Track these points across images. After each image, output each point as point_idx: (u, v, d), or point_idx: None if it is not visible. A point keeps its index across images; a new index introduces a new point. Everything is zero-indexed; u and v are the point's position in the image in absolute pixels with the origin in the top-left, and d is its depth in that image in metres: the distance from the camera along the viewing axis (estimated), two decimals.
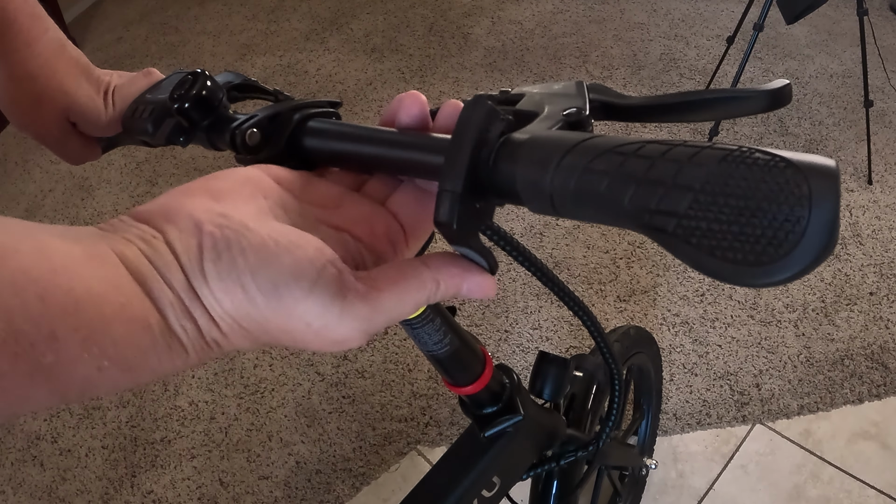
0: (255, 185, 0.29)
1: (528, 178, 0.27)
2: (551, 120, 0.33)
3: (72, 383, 0.21)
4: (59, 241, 0.22)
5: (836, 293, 1.62)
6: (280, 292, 0.25)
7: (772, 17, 2.23)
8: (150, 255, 0.24)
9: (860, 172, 1.87)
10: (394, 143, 0.32)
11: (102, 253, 0.23)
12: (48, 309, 0.20)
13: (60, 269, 0.21)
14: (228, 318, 0.25)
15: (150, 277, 0.24)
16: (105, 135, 0.49)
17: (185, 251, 0.24)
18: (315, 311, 0.25)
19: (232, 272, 0.24)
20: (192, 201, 0.26)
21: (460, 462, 0.64)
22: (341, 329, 0.26)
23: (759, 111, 0.34)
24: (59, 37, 0.47)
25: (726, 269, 0.22)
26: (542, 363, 0.70)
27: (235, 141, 0.36)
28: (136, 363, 0.23)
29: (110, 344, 0.22)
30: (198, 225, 0.25)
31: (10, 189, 2.28)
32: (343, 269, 0.26)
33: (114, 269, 0.23)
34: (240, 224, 0.25)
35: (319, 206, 0.31)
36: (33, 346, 0.20)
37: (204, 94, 0.38)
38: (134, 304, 0.23)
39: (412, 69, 2.44)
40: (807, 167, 0.21)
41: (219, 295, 0.24)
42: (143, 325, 0.23)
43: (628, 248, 1.76)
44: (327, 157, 0.36)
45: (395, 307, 0.27)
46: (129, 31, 2.94)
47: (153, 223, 0.25)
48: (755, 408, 1.44)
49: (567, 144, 0.26)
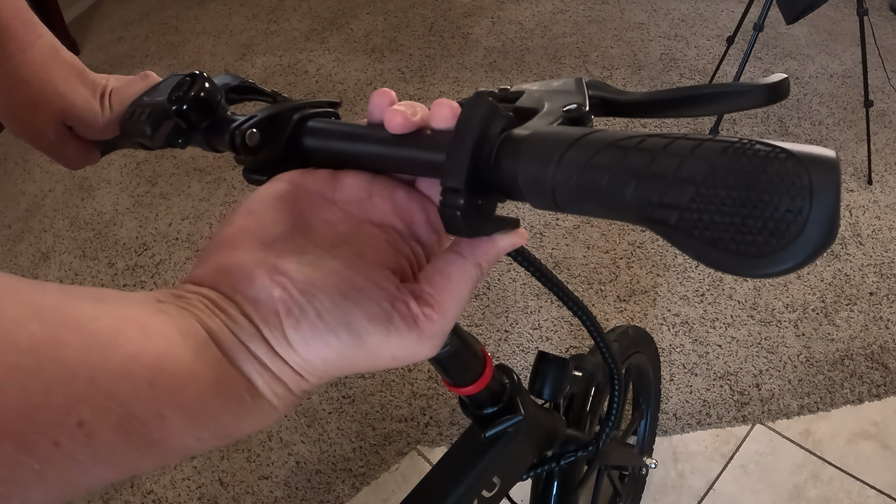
0: (289, 205, 0.30)
1: (530, 174, 0.27)
2: (552, 116, 0.33)
3: (174, 453, 0.23)
4: (156, 320, 0.24)
5: (836, 293, 1.62)
6: (363, 340, 0.27)
7: (772, 17, 2.23)
8: (233, 328, 0.26)
9: (860, 172, 1.87)
10: (394, 141, 0.32)
11: (194, 331, 0.25)
12: (156, 392, 0.22)
13: (164, 352, 0.23)
14: (317, 370, 0.27)
15: (238, 352, 0.25)
16: (102, 138, 0.49)
17: (265, 322, 0.26)
18: (397, 346, 0.27)
19: (315, 335, 0.26)
20: (244, 256, 0.28)
21: (460, 462, 0.64)
22: (422, 350, 0.28)
23: (757, 105, 0.35)
24: (53, 42, 0.47)
25: (729, 260, 0.22)
26: (541, 363, 0.70)
27: (235, 141, 0.36)
28: (231, 430, 0.25)
29: (209, 417, 0.24)
30: (266, 289, 0.26)
31: (10, 189, 2.28)
32: (408, 298, 0.28)
33: (207, 348, 0.25)
34: (306, 284, 0.27)
35: (354, 201, 0.32)
36: (144, 426, 0.22)
37: (202, 96, 0.38)
38: (228, 379, 0.25)
39: (412, 69, 2.44)
40: (807, 158, 0.21)
41: (306, 356, 0.26)
42: (238, 398, 0.25)
43: (628, 248, 1.76)
44: (327, 157, 0.36)
45: (455, 308, 0.29)
46: (129, 31, 2.94)
47: (220, 289, 0.27)
48: (755, 408, 1.44)
49: (569, 139, 0.26)
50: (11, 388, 0.19)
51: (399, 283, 0.29)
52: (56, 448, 0.20)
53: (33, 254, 2.03)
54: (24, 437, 0.19)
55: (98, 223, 2.09)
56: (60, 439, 0.20)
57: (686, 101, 0.36)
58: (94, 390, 0.21)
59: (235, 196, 2.08)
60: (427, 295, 0.29)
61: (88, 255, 2.00)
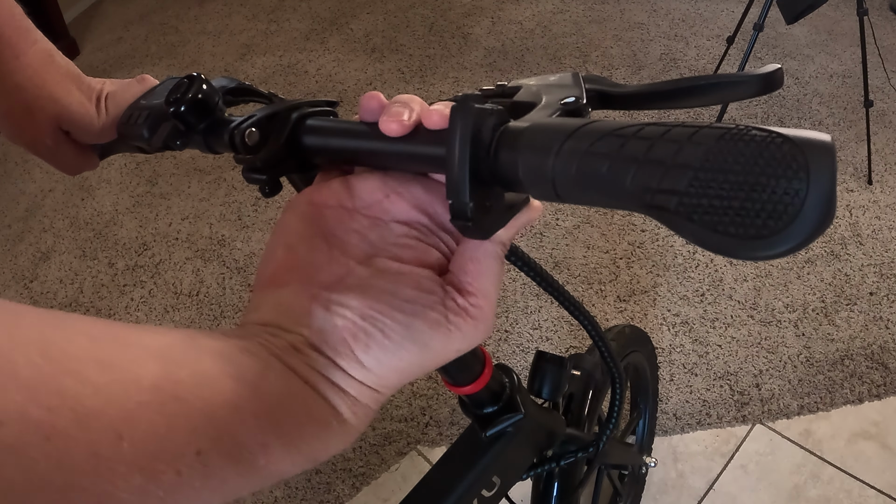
0: (318, 227, 0.31)
1: (530, 165, 0.27)
2: (550, 109, 0.33)
3: (272, 477, 0.26)
4: (247, 359, 0.26)
5: (836, 293, 1.62)
6: (429, 345, 0.29)
7: (772, 17, 2.23)
8: (309, 362, 0.27)
9: (860, 172, 1.87)
10: (393, 138, 0.32)
11: (278, 367, 0.27)
12: (260, 423, 0.25)
13: (259, 388, 0.25)
14: (391, 382, 0.29)
15: (321, 383, 0.27)
16: (99, 142, 0.49)
17: (336, 352, 0.28)
18: (459, 339, 0.29)
19: (386, 353, 0.28)
20: (296, 293, 0.29)
21: (460, 462, 0.64)
22: (481, 334, 0.30)
23: (751, 95, 0.35)
24: (48, 47, 0.47)
25: (728, 243, 0.22)
26: (540, 362, 0.70)
27: (234, 141, 0.36)
28: (320, 454, 0.27)
29: (303, 443, 0.26)
30: (328, 321, 0.28)
31: (10, 189, 2.28)
32: (454, 295, 0.30)
33: (297, 384, 0.27)
34: (363, 308, 0.28)
35: (374, 204, 0.32)
36: (251, 454, 0.24)
37: (200, 97, 0.38)
38: (317, 409, 0.27)
39: (412, 69, 2.44)
40: (803, 142, 0.21)
41: (380, 373, 0.28)
42: (326, 424, 0.27)
43: (628, 248, 1.76)
44: (327, 155, 0.36)
45: (495, 287, 0.31)
46: (129, 31, 2.94)
47: (284, 327, 0.28)
48: (755, 408, 1.44)
49: (567, 129, 0.26)
50: (140, 424, 0.21)
51: (442, 281, 0.30)
52: (178, 476, 0.22)
53: (33, 254, 2.03)
54: (150, 468, 0.21)
55: (98, 223, 2.09)
56: (181, 468, 0.22)
57: (682, 93, 0.36)
58: (208, 423, 0.23)
59: (235, 196, 2.08)
60: (466, 284, 0.30)
61: (88, 255, 2.00)
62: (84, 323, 0.22)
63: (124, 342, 0.23)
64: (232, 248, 1.93)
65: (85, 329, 0.22)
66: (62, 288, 1.92)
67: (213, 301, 1.81)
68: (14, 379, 0.19)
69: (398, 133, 0.31)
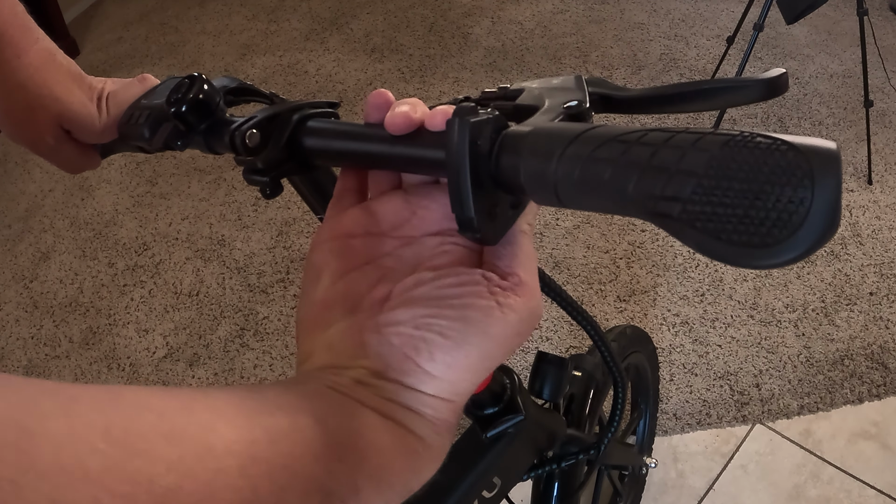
0: (351, 260, 0.31)
1: (532, 170, 0.27)
2: (552, 113, 0.33)
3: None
4: (319, 404, 0.25)
5: (836, 293, 1.62)
6: (490, 333, 0.27)
7: (772, 17, 2.23)
8: (382, 394, 0.27)
9: (860, 172, 1.87)
10: (394, 140, 0.32)
11: (355, 409, 0.26)
12: (347, 467, 0.24)
13: (344, 436, 0.25)
14: (465, 386, 0.28)
15: (396, 412, 0.27)
16: (100, 141, 0.49)
17: (401, 372, 0.27)
18: (515, 321, 0.28)
19: (450, 352, 0.27)
20: (344, 328, 0.29)
21: (460, 462, 0.64)
22: (532, 311, 0.29)
23: (756, 100, 0.35)
24: (50, 46, 0.47)
25: (732, 251, 0.22)
26: (540, 363, 0.70)
27: (235, 142, 0.35)
28: (413, 483, 0.27)
29: (395, 478, 0.26)
30: (383, 344, 0.27)
31: (10, 189, 2.28)
32: (496, 280, 0.29)
33: (373, 419, 0.26)
34: (413, 318, 0.28)
35: (401, 224, 0.32)
36: (344, 501, 0.24)
37: (201, 98, 0.38)
38: (400, 440, 0.26)
39: (412, 69, 2.44)
40: (808, 149, 0.21)
41: (452, 377, 0.27)
42: (412, 453, 0.27)
43: (628, 248, 1.76)
44: (328, 156, 0.36)
45: (533, 263, 0.31)
46: (129, 31, 2.94)
47: (341, 365, 0.28)
48: (755, 408, 1.44)
49: (570, 134, 0.26)
50: (223, 492, 0.20)
51: (481, 271, 0.30)
52: None
53: (33, 254, 2.03)
54: None
55: (98, 223, 2.09)
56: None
57: (686, 97, 0.36)
58: (293, 478, 0.22)
59: (235, 196, 2.08)
60: (504, 267, 0.30)
61: (88, 255, 2.00)
62: (142, 395, 0.21)
63: (188, 409, 0.21)
64: (232, 248, 1.93)
65: (144, 402, 0.21)
66: (62, 288, 1.92)
67: (213, 301, 1.81)
68: (81, 472, 0.17)
69: (403, 129, 0.30)
